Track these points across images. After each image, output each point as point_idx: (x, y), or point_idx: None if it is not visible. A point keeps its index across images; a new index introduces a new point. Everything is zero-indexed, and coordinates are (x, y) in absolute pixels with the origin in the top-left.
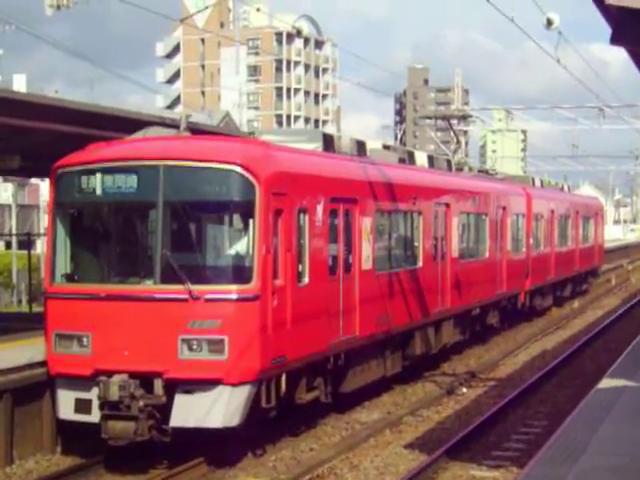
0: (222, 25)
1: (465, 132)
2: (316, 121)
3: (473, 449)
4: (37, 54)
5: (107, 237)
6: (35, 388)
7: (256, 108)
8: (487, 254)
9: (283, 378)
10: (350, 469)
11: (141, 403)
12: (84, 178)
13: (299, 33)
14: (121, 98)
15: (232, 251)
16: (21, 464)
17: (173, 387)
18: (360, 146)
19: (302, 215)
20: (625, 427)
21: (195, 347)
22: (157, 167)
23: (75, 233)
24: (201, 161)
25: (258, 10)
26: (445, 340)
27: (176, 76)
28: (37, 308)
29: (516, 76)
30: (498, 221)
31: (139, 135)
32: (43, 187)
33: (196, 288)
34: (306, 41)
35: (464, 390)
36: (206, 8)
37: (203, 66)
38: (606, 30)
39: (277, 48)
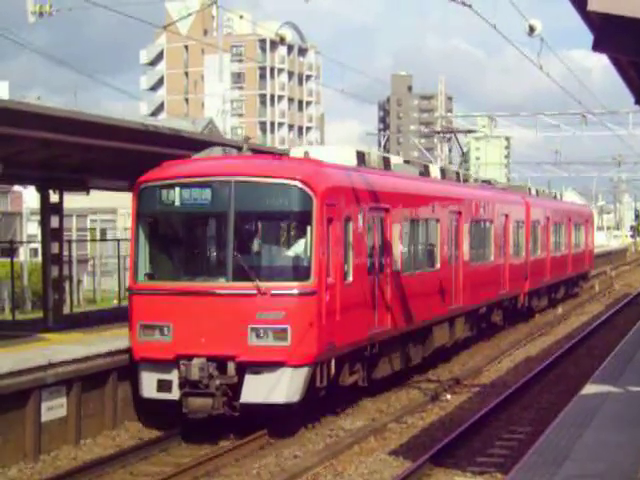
0: (205, 32)
1: (449, 139)
2: (300, 128)
3: (457, 455)
4: (18, 61)
5: (184, 242)
6: (17, 396)
7: (240, 115)
8: (492, 258)
9: (332, 362)
10: (334, 476)
11: (217, 382)
12: (164, 192)
13: (282, 40)
14: (104, 105)
15: (293, 253)
16: (3, 472)
17: (243, 369)
18: (386, 161)
19: (347, 223)
20: (609, 433)
21: (262, 335)
22: (229, 182)
23: (155, 239)
24: (267, 177)
25: (241, 17)
26: (457, 335)
27: (159, 83)
28: (20, 316)
29: (499, 83)
30: (501, 227)
31: (204, 154)
32: (26, 194)
33: (263, 285)
34: (290, 48)
35: (448, 397)
36: (189, 15)
37: (187, 73)
38: (588, 37)
39: (261, 55)
